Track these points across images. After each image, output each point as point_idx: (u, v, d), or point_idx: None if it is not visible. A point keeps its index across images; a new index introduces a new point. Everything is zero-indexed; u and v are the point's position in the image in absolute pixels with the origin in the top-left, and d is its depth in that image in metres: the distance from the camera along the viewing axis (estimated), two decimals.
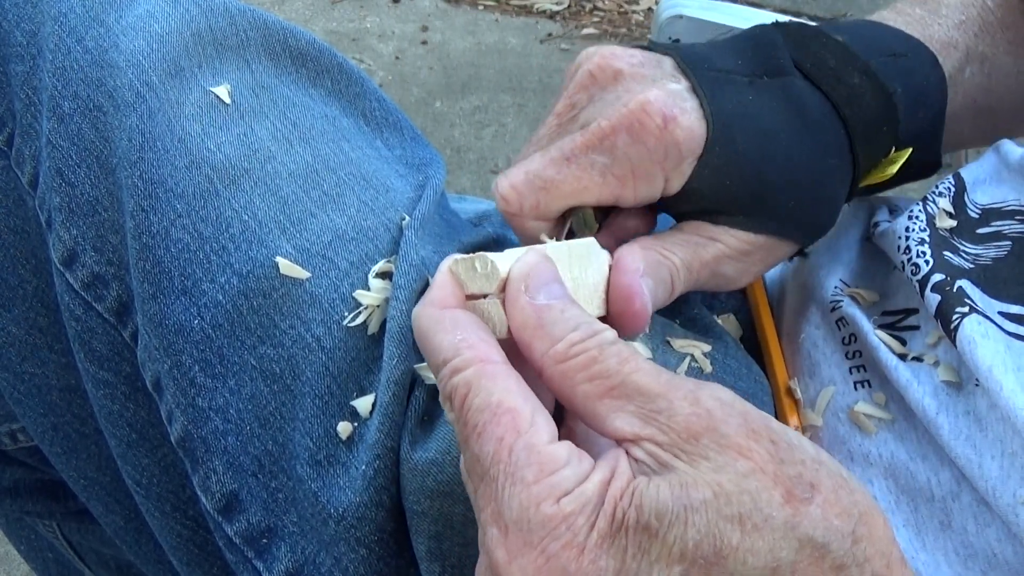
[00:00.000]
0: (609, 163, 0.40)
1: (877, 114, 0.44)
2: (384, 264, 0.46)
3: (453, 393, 0.31)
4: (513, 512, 0.29)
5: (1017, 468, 0.38)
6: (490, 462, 0.30)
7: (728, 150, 0.41)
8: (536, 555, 0.29)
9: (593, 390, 0.31)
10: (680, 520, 0.28)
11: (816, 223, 0.45)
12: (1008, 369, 0.39)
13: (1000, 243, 0.45)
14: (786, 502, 0.29)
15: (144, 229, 0.45)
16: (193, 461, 0.46)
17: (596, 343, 0.31)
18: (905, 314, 0.46)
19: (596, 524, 0.29)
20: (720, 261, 0.43)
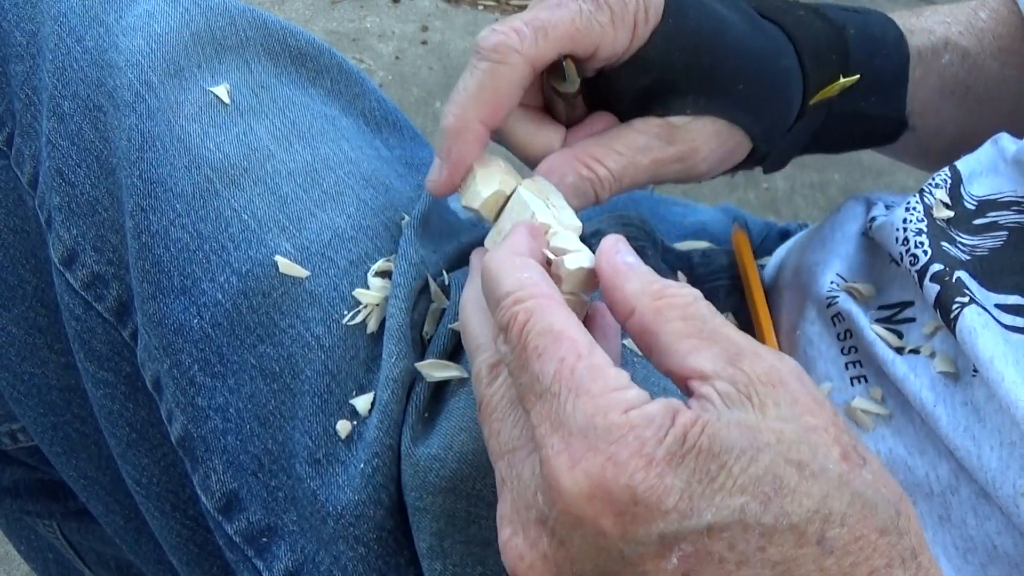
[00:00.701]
0: (593, 10, 0.41)
1: (824, 40, 0.46)
2: (383, 263, 0.46)
3: (512, 321, 0.32)
4: (578, 421, 0.30)
5: (1016, 458, 0.38)
6: (551, 379, 0.31)
7: (681, 23, 0.42)
8: (603, 460, 0.29)
9: (684, 329, 0.32)
10: (747, 456, 0.29)
11: (768, 113, 0.45)
12: (1008, 361, 0.39)
13: (996, 233, 0.45)
14: (842, 459, 0.30)
15: (144, 228, 0.45)
16: (193, 460, 0.46)
17: (691, 293, 0.33)
18: (901, 307, 0.46)
19: (665, 441, 0.29)
20: (662, 164, 0.43)
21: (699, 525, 0.29)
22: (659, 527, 0.29)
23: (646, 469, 0.29)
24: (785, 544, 0.29)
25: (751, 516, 0.29)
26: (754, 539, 0.29)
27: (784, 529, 0.29)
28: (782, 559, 0.29)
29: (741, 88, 0.43)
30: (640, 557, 0.29)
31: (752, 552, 0.29)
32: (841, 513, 0.29)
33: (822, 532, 0.29)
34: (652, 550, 0.29)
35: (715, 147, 0.44)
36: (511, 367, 0.33)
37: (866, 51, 0.47)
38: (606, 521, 0.29)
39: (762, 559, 0.29)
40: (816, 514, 0.29)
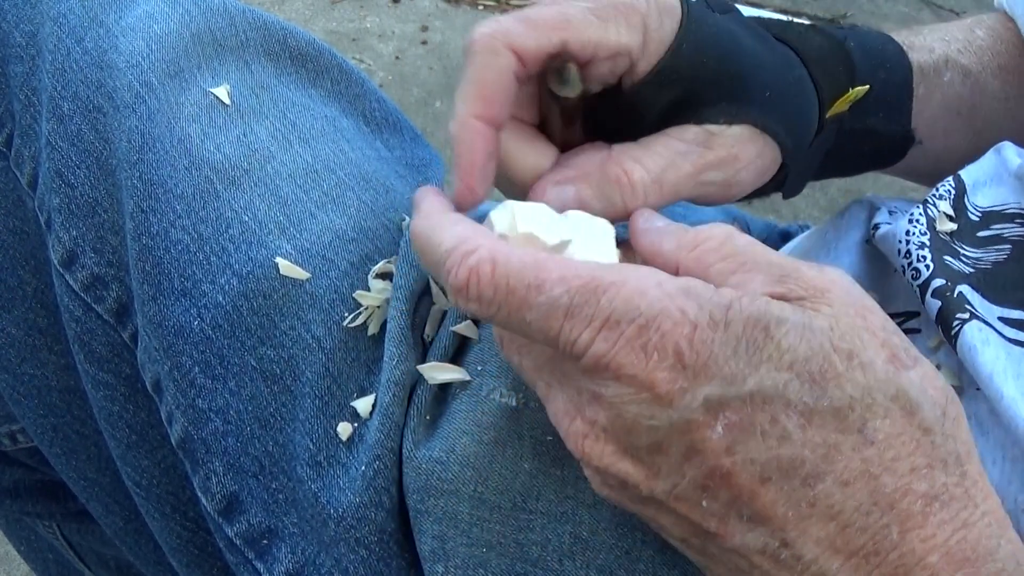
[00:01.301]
0: (592, 6, 0.39)
1: (829, 53, 0.45)
2: (384, 265, 0.46)
3: (476, 274, 0.32)
4: (619, 308, 0.30)
5: (1018, 473, 0.38)
6: (568, 298, 0.31)
7: (701, 30, 0.41)
8: (652, 332, 0.30)
9: (727, 267, 0.33)
10: (797, 333, 0.30)
11: (794, 123, 0.44)
12: (1008, 376, 0.39)
13: (1000, 247, 0.45)
14: (889, 361, 0.31)
15: (144, 230, 0.45)
16: (193, 462, 0.46)
17: (722, 232, 0.34)
18: (906, 317, 0.46)
19: (709, 308, 0.30)
20: (703, 170, 0.41)
21: (742, 391, 0.30)
22: (705, 390, 0.30)
23: (690, 335, 0.30)
24: (826, 427, 0.30)
25: (794, 392, 0.30)
26: (795, 416, 0.30)
27: (825, 411, 0.30)
28: (823, 442, 0.30)
29: (768, 95, 0.42)
30: (687, 424, 0.30)
31: (794, 429, 0.30)
32: (884, 406, 0.30)
33: (864, 420, 0.30)
34: (699, 416, 0.30)
35: (753, 157, 0.42)
36: (501, 318, 0.33)
37: (869, 64, 0.47)
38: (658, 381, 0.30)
39: (803, 439, 0.30)
40: (859, 402, 0.30)
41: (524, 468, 0.41)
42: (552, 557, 0.40)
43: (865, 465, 0.30)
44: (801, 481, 0.30)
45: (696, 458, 0.31)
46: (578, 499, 0.40)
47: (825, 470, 0.30)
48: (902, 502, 0.30)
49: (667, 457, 0.32)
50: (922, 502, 0.30)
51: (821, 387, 0.30)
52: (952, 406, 0.31)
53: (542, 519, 0.41)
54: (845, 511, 0.30)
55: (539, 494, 0.41)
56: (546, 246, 0.35)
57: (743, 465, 0.30)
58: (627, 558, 0.40)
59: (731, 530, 0.32)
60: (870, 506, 0.30)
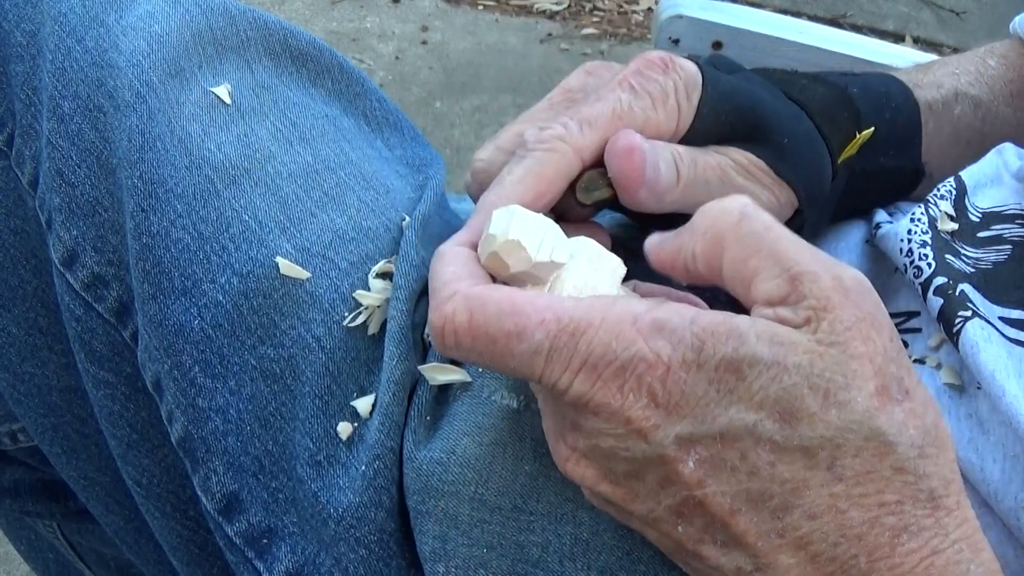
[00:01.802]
0: (632, 98, 0.41)
1: (833, 102, 0.46)
2: (384, 264, 0.46)
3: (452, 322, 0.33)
4: (597, 352, 0.32)
5: (1019, 472, 0.38)
6: (548, 344, 0.32)
7: (719, 91, 0.43)
8: (629, 375, 0.32)
9: (741, 252, 0.33)
10: (770, 374, 0.30)
11: (809, 170, 0.45)
12: (1010, 375, 0.39)
13: (1000, 247, 0.45)
14: (876, 395, 0.31)
15: (144, 229, 0.45)
16: (193, 461, 0.46)
17: (737, 205, 0.34)
18: (907, 316, 0.46)
19: (682, 350, 0.31)
20: (727, 169, 0.43)
21: (712, 430, 0.31)
22: (676, 428, 0.31)
23: (663, 378, 0.31)
24: (795, 464, 0.31)
25: (764, 432, 0.30)
26: (765, 454, 0.31)
27: (795, 449, 0.30)
28: (791, 478, 0.31)
29: (786, 142, 0.43)
30: (661, 457, 0.32)
31: (763, 466, 0.31)
32: (856, 445, 0.30)
33: (833, 459, 0.30)
34: (671, 451, 0.32)
35: (770, 184, 0.44)
36: (484, 364, 0.34)
37: (874, 106, 0.48)
38: (633, 418, 0.32)
39: (772, 474, 0.31)
40: (829, 441, 0.30)
41: (524, 470, 0.41)
42: (553, 558, 0.40)
43: (833, 500, 0.31)
44: (770, 513, 0.31)
45: (671, 487, 0.32)
46: (578, 501, 0.40)
47: (793, 503, 0.31)
48: (870, 534, 0.31)
49: (644, 483, 0.33)
50: (890, 533, 0.31)
51: (792, 427, 0.30)
52: (931, 445, 0.31)
53: (542, 520, 0.41)
54: (814, 542, 0.31)
55: (539, 496, 0.41)
56: (529, 259, 0.35)
57: (714, 496, 0.31)
58: (628, 559, 0.40)
59: (707, 552, 0.33)
60: (838, 538, 0.31)
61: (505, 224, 0.35)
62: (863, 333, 0.31)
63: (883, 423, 0.30)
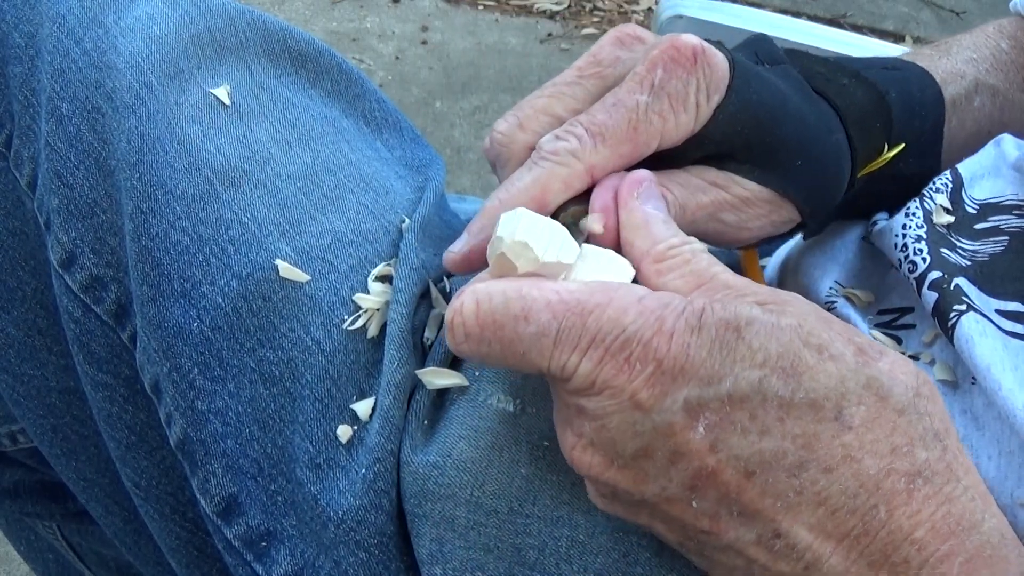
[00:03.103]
0: (651, 102, 0.40)
1: (869, 110, 0.46)
2: (384, 267, 0.46)
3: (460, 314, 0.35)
4: (605, 328, 0.32)
5: (1014, 468, 0.38)
6: (555, 326, 0.33)
7: (744, 97, 0.41)
8: (635, 345, 0.32)
9: (684, 284, 0.35)
10: (767, 331, 0.31)
11: (819, 191, 0.45)
12: (1006, 368, 0.39)
13: (997, 239, 0.44)
14: (858, 354, 0.32)
15: (143, 231, 0.45)
16: (192, 464, 0.46)
17: (689, 249, 0.36)
18: (900, 313, 0.46)
19: (684, 315, 0.32)
20: (719, 207, 0.43)
21: (720, 392, 0.31)
22: (684, 393, 0.31)
23: (668, 342, 0.32)
24: (804, 418, 0.31)
25: (769, 388, 0.31)
26: (773, 410, 0.31)
27: (801, 403, 0.31)
28: (802, 432, 0.31)
29: (799, 164, 0.43)
30: (670, 427, 0.32)
31: (772, 423, 0.31)
32: (858, 393, 0.31)
33: (839, 408, 0.31)
34: (680, 418, 0.32)
35: (767, 212, 0.44)
36: (495, 355, 0.35)
37: (907, 115, 0.47)
38: (639, 389, 0.32)
39: (783, 431, 0.31)
40: (833, 391, 0.31)
41: (521, 473, 0.41)
42: (550, 561, 0.40)
43: (846, 450, 0.31)
44: (786, 472, 0.31)
45: (681, 461, 0.32)
46: (574, 505, 0.40)
47: (808, 459, 0.31)
48: (886, 481, 0.31)
49: (653, 462, 0.33)
50: (905, 480, 0.31)
51: (796, 380, 0.31)
52: (925, 386, 0.32)
53: (539, 523, 0.41)
54: (832, 496, 0.31)
55: (536, 499, 0.41)
56: (536, 260, 0.35)
57: (727, 462, 0.31)
58: (624, 561, 0.40)
59: (724, 526, 0.33)
60: (856, 489, 0.31)
61: (512, 226, 0.35)
62: (821, 316, 0.33)
63: (875, 372, 0.32)
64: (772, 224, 0.44)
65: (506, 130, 0.43)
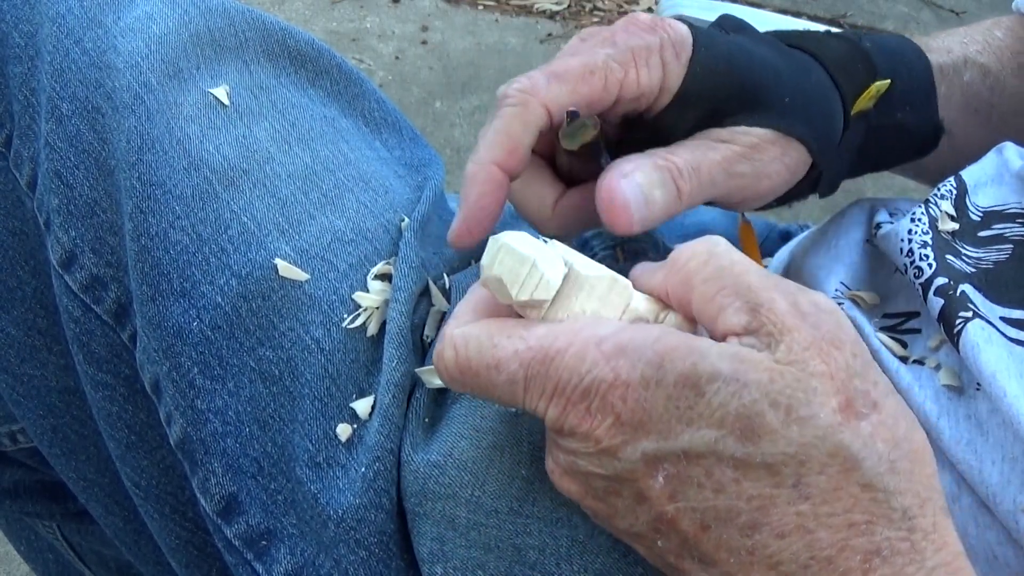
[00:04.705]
0: (612, 52, 0.41)
1: (845, 53, 0.46)
2: (383, 266, 0.46)
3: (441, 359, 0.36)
4: (564, 378, 0.33)
5: (1018, 474, 0.38)
6: (523, 372, 0.34)
7: (712, 52, 0.42)
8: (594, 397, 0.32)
9: (708, 290, 0.33)
10: (730, 389, 0.30)
11: (817, 122, 0.45)
12: (1011, 375, 0.39)
13: (1001, 246, 0.45)
14: (840, 410, 0.30)
15: (143, 231, 0.45)
16: (192, 463, 0.46)
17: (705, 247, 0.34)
18: (906, 317, 0.46)
19: (640, 367, 0.32)
20: (732, 161, 0.43)
21: (676, 447, 0.31)
22: (642, 445, 0.32)
23: (624, 396, 0.32)
24: (760, 480, 0.30)
25: (725, 449, 0.30)
26: (729, 471, 0.31)
27: (757, 466, 0.30)
28: (757, 495, 0.31)
29: (787, 100, 0.43)
30: (632, 473, 0.32)
31: (728, 482, 0.31)
32: (821, 462, 0.30)
33: (799, 476, 0.30)
34: (640, 467, 0.32)
35: (779, 154, 0.43)
36: (477, 395, 0.36)
37: (889, 62, 0.47)
38: (602, 437, 0.32)
39: (737, 491, 0.31)
40: (792, 458, 0.30)
41: (521, 474, 0.41)
42: (550, 560, 0.40)
43: (800, 519, 0.30)
44: (739, 530, 0.31)
45: (644, 504, 0.33)
46: (574, 505, 0.40)
47: (761, 521, 0.31)
48: (839, 557, 0.30)
49: (622, 499, 0.33)
50: (861, 558, 0.30)
51: (753, 443, 0.30)
52: (905, 460, 0.31)
53: (539, 523, 0.41)
54: (784, 562, 0.31)
55: (536, 499, 0.41)
56: (510, 296, 0.35)
57: (685, 512, 0.32)
58: (624, 561, 0.40)
59: (687, 566, 0.33)
60: (808, 559, 0.30)
61: (492, 257, 0.35)
62: (822, 352, 0.31)
63: (847, 438, 0.30)
64: (787, 169, 0.44)
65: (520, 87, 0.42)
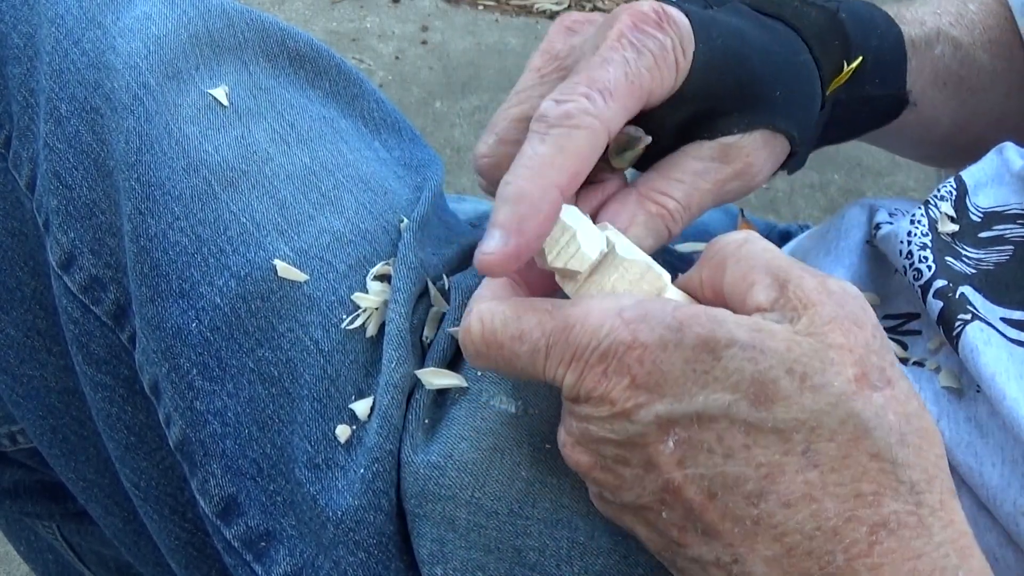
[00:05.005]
0: (637, 59, 0.39)
1: (824, 25, 0.46)
2: (382, 266, 0.46)
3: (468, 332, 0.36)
4: (583, 341, 0.33)
5: (1018, 476, 0.38)
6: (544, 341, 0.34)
7: (709, 45, 0.41)
8: (611, 359, 0.33)
9: (739, 269, 0.34)
10: (746, 355, 0.31)
11: (802, 112, 0.45)
12: (1011, 377, 0.39)
13: (1002, 247, 0.45)
14: (855, 380, 0.31)
15: (141, 232, 0.45)
16: (191, 464, 0.46)
17: (740, 236, 0.36)
18: (906, 318, 0.46)
19: (660, 331, 0.32)
20: (723, 183, 0.43)
21: (689, 410, 0.31)
22: (656, 408, 0.32)
23: (640, 358, 0.32)
24: (770, 447, 0.30)
25: (738, 413, 0.31)
26: (740, 436, 0.31)
27: (768, 431, 0.30)
28: (766, 461, 0.31)
29: (778, 94, 0.43)
30: (643, 437, 0.32)
31: (738, 448, 0.31)
32: (831, 429, 0.30)
33: (808, 443, 0.30)
34: (652, 431, 0.32)
35: (766, 157, 0.44)
36: (500, 367, 0.36)
37: (862, 33, 0.47)
38: (617, 399, 0.33)
39: (747, 457, 0.31)
40: (803, 424, 0.30)
41: (522, 475, 0.41)
42: (550, 562, 0.40)
43: (807, 488, 0.30)
44: (744, 499, 0.31)
45: (652, 471, 0.33)
46: (575, 507, 0.40)
47: (768, 489, 0.31)
48: (845, 528, 0.30)
49: (631, 469, 0.33)
50: (867, 530, 0.30)
51: (767, 408, 0.30)
52: (915, 435, 0.31)
53: (539, 525, 0.41)
54: (789, 532, 0.31)
55: (536, 501, 0.41)
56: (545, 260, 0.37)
57: (692, 479, 0.32)
58: (624, 563, 0.40)
59: (690, 540, 0.33)
60: (813, 530, 0.30)
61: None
62: (843, 327, 0.32)
63: (859, 406, 0.30)
64: (773, 165, 0.45)
65: (489, 150, 0.42)
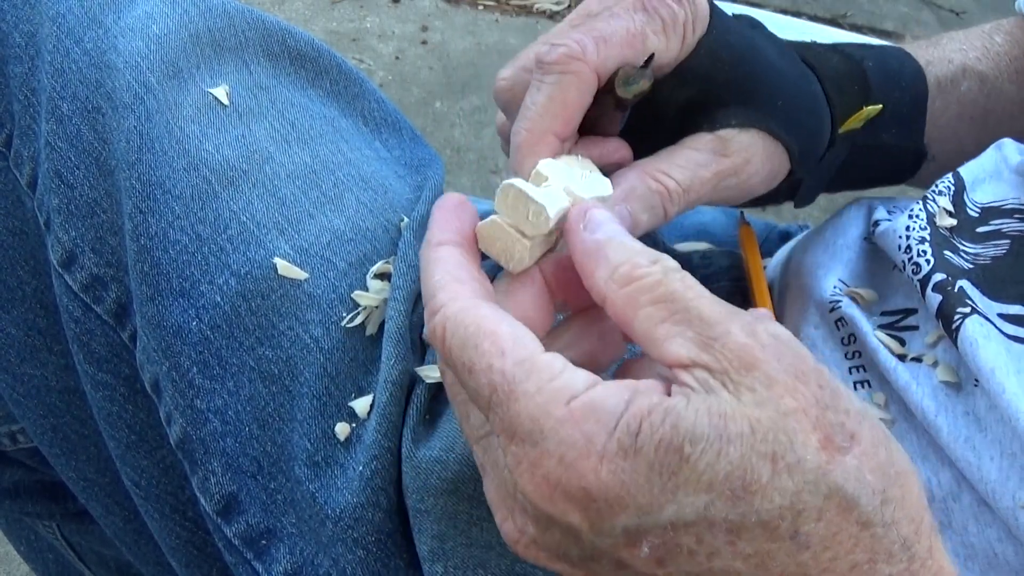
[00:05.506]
0: (645, 19, 0.40)
1: (844, 71, 0.46)
2: (382, 265, 0.46)
3: (433, 336, 0.32)
4: (524, 426, 0.29)
5: (1016, 470, 0.38)
6: (488, 391, 0.30)
7: (720, 38, 0.42)
8: (555, 463, 0.29)
9: (655, 314, 0.31)
10: (714, 449, 0.28)
11: (804, 131, 0.45)
12: (1010, 371, 0.39)
13: (999, 242, 0.45)
14: (822, 448, 0.29)
15: (142, 231, 0.45)
16: (192, 463, 0.46)
17: (660, 268, 0.31)
18: (904, 314, 0.46)
19: (615, 433, 0.28)
20: (722, 177, 0.43)
21: (660, 520, 0.29)
22: (622, 521, 0.29)
23: (596, 468, 0.28)
24: (757, 538, 0.29)
25: (717, 513, 0.28)
26: (722, 534, 0.29)
27: (753, 525, 0.29)
28: (755, 552, 0.29)
29: (780, 104, 0.43)
30: (612, 547, 0.30)
31: (721, 545, 0.29)
32: (817, 507, 0.29)
33: (795, 527, 0.29)
34: (621, 541, 0.29)
35: (763, 160, 0.43)
36: (456, 383, 0.33)
37: (885, 83, 0.48)
38: (573, 517, 0.29)
39: (733, 552, 0.29)
40: (788, 510, 0.28)
41: None
42: None
43: (802, 569, 0.29)
44: None
45: (628, 570, 0.30)
46: None
47: None
48: None
49: (600, 565, 0.31)
50: None
51: (746, 503, 0.28)
52: (894, 486, 0.30)
53: None
54: None
55: None
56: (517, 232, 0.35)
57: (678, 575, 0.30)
58: None
59: None
60: None
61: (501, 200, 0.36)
62: (789, 388, 0.29)
63: (838, 478, 0.29)
64: (770, 173, 0.44)
65: (511, 74, 0.43)
